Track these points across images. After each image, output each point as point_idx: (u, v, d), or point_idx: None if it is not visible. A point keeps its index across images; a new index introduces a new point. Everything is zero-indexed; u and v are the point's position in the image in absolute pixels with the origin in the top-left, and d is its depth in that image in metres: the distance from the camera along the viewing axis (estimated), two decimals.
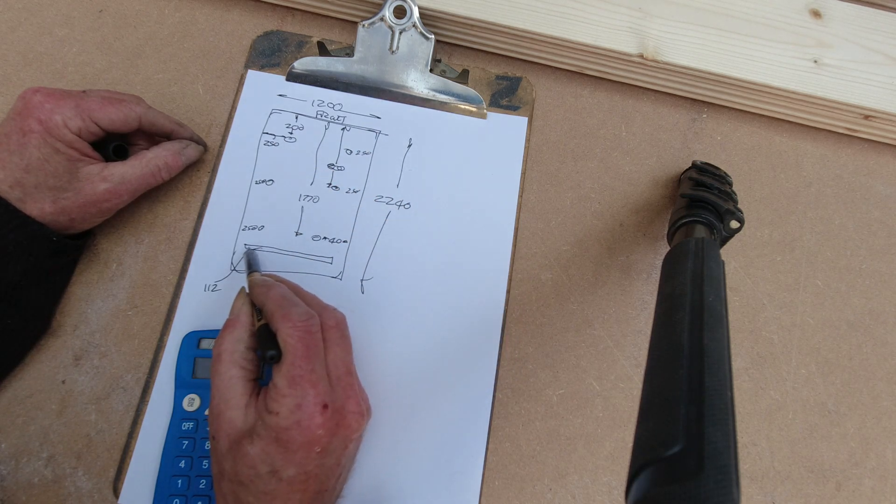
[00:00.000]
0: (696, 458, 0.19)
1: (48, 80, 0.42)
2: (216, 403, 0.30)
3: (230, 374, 0.30)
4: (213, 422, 0.30)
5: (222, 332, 0.31)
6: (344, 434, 0.30)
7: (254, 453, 0.28)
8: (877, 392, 0.40)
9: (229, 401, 0.29)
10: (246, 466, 0.28)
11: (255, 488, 0.28)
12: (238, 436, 0.29)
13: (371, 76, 0.43)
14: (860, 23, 0.44)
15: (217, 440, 0.29)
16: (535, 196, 0.42)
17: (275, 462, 0.28)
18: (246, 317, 0.32)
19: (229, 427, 0.29)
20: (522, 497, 0.36)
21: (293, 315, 0.30)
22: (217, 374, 0.30)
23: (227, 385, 0.30)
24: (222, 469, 0.29)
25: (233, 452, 0.28)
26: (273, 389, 0.29)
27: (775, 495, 0.37)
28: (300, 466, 0.28)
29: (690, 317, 0.25)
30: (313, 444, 0.28)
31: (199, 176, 0.40)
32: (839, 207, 0.44)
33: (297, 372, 0.29)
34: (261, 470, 0.28)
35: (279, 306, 0.31)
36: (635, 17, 0.42)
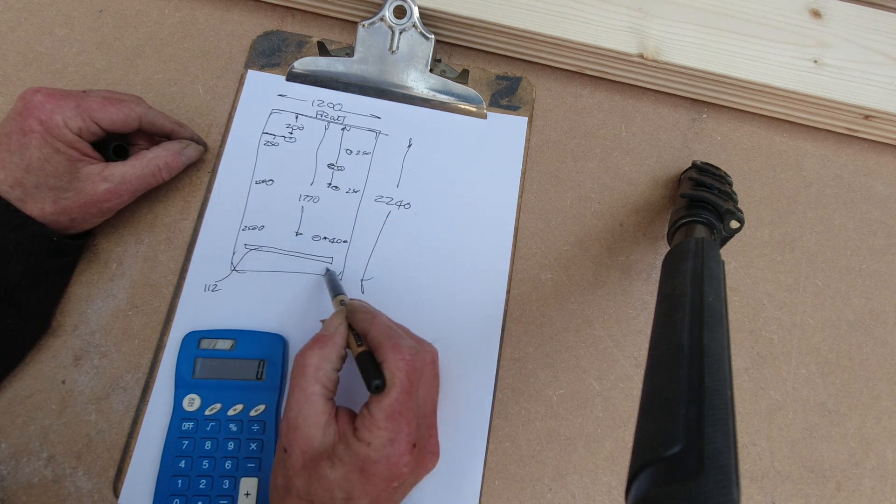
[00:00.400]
0: (696, 458, 0.19)
1: (48, 80, 0.42)
2: (293, 417, 0.29)
3: (313, 391, 0.29)
4: (287, 435, 0.29)
5: (311, 346, 0.30)
6: (420, 474, 0.30)
7: (333, 478, 0.27)
8: (877, 392, 0.40)
9: (308, 417, 0.29)
10: (322, 489, 0.27)
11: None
12: (315, 455, 0.28)
13: (371, 76, 0.43)
14: (860, 23, 0.44)
15: (290, 455, 0.29)
16: (535, 196, 0.42)
17: (353, 490, 0.27)
18: (340, 338, 0.31)
19: (306, 444, 0.28)
20: (522, 497, 0.36)
21: (403, 348, 0.30)
22: (299, 388, 0.29)
23: (307, 400, 0.29)
24: (291, 485, 0.28)
25: (308, 471, 0.28)
26: (368, 418, 0.28)
27: (775, 495, 0.37)
28: (374, 499, 0.28)
29: (690, 317, 0.25)
30: (393, 480, 0.28)
31: (199, 176, 0.40)
32: (839, 207, 0.44)
33: (397, 407, 0.28)
34: (336, 495, 0.27)
35: (388, 337, 0.30)
36: (635, 17, 0.42)
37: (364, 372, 0.29)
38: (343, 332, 0.32)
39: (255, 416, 0.35)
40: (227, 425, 0.35)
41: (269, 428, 0.35)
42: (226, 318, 0.37)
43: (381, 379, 0.29)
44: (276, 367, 0.36)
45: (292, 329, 0.37)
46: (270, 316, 0.37)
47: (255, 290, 0.38)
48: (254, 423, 0.35)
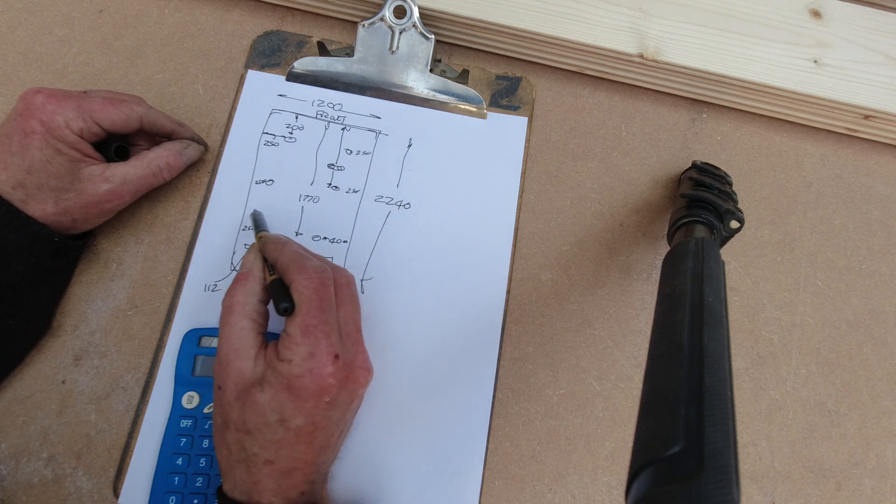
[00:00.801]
0: (696, 458, 0.19)
1: (48, 80, 0.42)
2: (225, 353, 0.30)
3: (241, 325, 0.30)
4: (220, 371, 0.30)
5: (233, 285, 0.31)
6: (351, 388, 0.31)
7: (263, 401, 0.28)
8: (877, 392, 0.40)
9: (239, 350, 0.29)
10: (255, 414, 0.28)
11: (262, 437, 0.28)
12: (247, 384, 0.29)
13: (371, 76, 0.43)
14: (860, 23, 0.44)
15: (224, 389, 0.29)
16: (535, 196, 0.42)
17: (284, 410, 0.28)
18: (258, 271, 0.32)
19: (238, 376, 0.29)
20: (522, 497, 0.36)
21: (308, 268, 0.30)
22: (227, 325, 0.30)
23: (237, 336, 0.30)
24: (228, 418, 0.29)
25: (241, 400, 0.29)
26: (286, 338, 0.29)
27: (775, 495, 0.37)
28: (308, 416, 0.28)
29: (690, 317, 0.25)
30: (323, 394, 0.29)
31: (199, 176, 0.40)
32: (839, 207, 0.44)
33: (310, 322, 0.29)
34: (269, 418, 0.28)
35: (294, 260, 0.31)
36: (635, 17, 0.42)
37: (274, 298, 0.30)
38: (260, 265, 0.32)
39: None
40: None
41: None
42: None
43: (289, 302, 0.30)
44: None
45: None
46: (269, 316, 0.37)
47: None
48: None
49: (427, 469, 0.35)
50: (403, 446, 0.35)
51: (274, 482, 0.28)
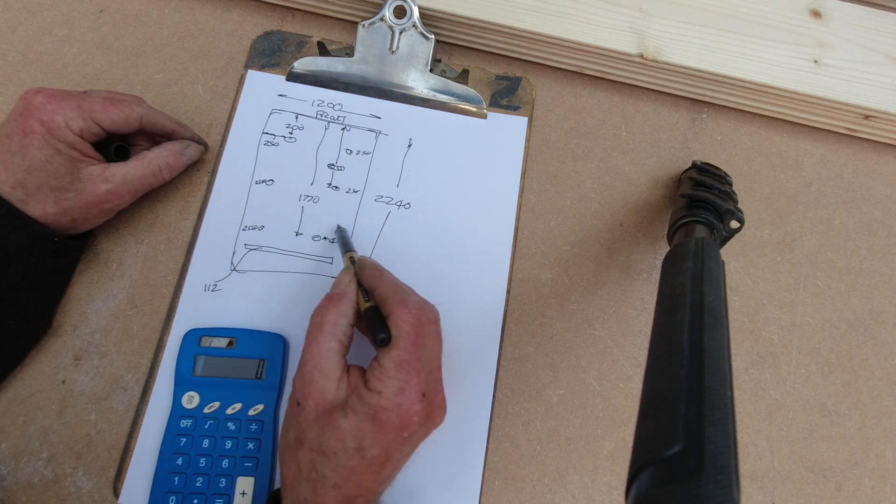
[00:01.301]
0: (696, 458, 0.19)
1: (48, 81, 0.42)
2: (309, 371, 0.30)
3: (329, 346, 0.30)
4: (302, 388, 0.30)
5: (326, 304, 0.31)
6: (429, 426, 0.31)
7: (346, 427, 0.28)
8: (877, 392, 0.40)
9: (325, 371, 0.29)
10: (334, 439, 0.28)
11: (337, 461, 0.28)
12: (329, 407, 0.29)
13: (371, 76, 0.43)
14: (860, 23, 0.44)
15: (304, 407, 0.29)
16: (535, 196, 0.42)
17: (364, 439, 0.28)
18: (352, 294, 0.32)
19: (320, 397, 0.29)
20: (522, 497, 0.36)
21: (409, 302, 0.31)
22: (316, 343, 0.30)
23: (325, 356, 0.30)
24: (303, 437, 0.29)
25: (321, 422, 0.29)
26: (378, 369, 0.29)
27: (775, 495, 0.37)
28: (385, 449, 0.29)
29: (690, 317, 0.25)
30: (404, 430, 0.29)
31: (199, 176, 0.40)
32: (839, 207, 0.44)
33: (406, 357, 0.29)
34: (348, 444, 0.28)
35: (395, 292, 0.31)
36: (635, 17, 0.42)
37: (371, 326, 0.30)
38: (354, 288, 0.32)
39: (254, 416, 0.35)
40: (226, 424, 0.35)
41: (267, 428, 0.35)
42: (226, 318, 0.37)
43: (386, 333, 0.30)
44: (275, 367, 0.36)
45: (292, 329, 0.37)
46: (270, 316, 0.37)
47: (255, 290, 0.38)
48: (252, 423, 0.35)
49: (427, 469, 0.35)
50: None
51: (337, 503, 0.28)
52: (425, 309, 0.31)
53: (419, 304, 0.31)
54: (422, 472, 0.35)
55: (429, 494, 0.35)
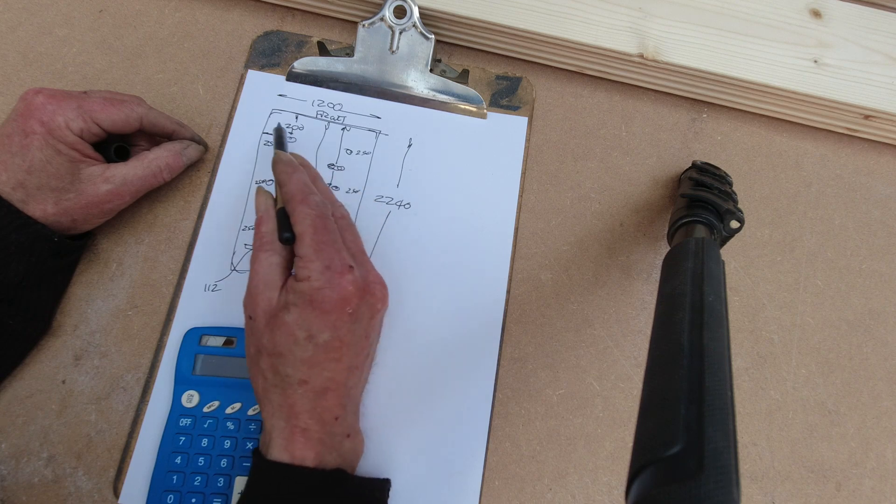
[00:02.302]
0: (696, 458, 0.19)
1: (48, 80, 0.42)
2: (255, 285, 0.31)
3: (271, 261, 0.32)
4: (250, 302, 0.31)
5: (256, 227, 0.33)
6: (370, 301, 0.32)
7: (290, 320, 0.30)
8: (877, 392, 0.40)
9: (269, 282, 0.31)
10: (284, 335, 0.30)
11: (293, 357, 0.29)
12: (275, 311, 0.31)
13: (371, 76, 0.43)
14: (860, 23, 0.44)
15: (255, 319, 0.31)
16: (535, 196, 0.42)
17: (311, 325, 0.29)
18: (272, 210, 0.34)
19: (267, 305, 0.31)
20: (522, 497, 0.36)
21: (310, 201, 0.32)
22: (258, 260, 0.32)
23: (266, 269, 0.32)
24: (260, 346, 0.31)
25: (270, 326, 0.30)
26: (299, 260, 0.31)
27: (775, 495, 0.37)
28: (334, 329, 0.30)
29: (690, 317, 0.25)
30: (345, 304, 0.30)
31: (199, 176, 0.40)
32: (839, 207, 0.44)
33: (318, 239, 0.31)
34: (298, 335, 0.29)
35: (299, 191, 0.33)
36: (635, 17, 0.42)
37: (279, 225, 0.32)
38: (272, 204, 0.34)
39: (253, 416, 0.35)
40: (225, 423, 0.35)
41: None
42: (226, 317, 0.37)
43: (290, 232, 0.32)
44: None
45: None
46: None
47: None
48: (251, 423, 0.35)
49: (427, 469, 0.35)
50: (403, 446, 0.35)
51: (309, 403, 0.30)
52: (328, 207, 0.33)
53: (322, 204, 0.33)
54: (422, 472, 0.35)
55: (429, 494, 0.35)
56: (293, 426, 0.29)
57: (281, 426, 0.30)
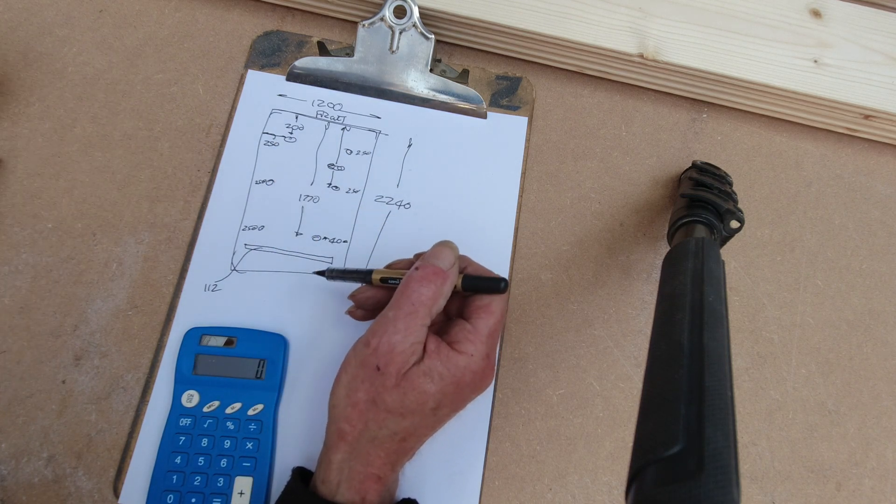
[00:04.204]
0: (696, 458, 0.19)
1: (48, 80, 0.42)
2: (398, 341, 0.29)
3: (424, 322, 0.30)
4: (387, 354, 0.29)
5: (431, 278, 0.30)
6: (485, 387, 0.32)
7: (431, 391, 0.29)
8: (877, 392, 0.40)
9: (414, 345, 0.29)
10: (415, 402, 0.29)
11: (412, 420, 0.29)
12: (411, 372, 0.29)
13: (371, 76, 0.43)
14: (860, 23, 0.44)
15: (384, 374, 0.29)
16: (535, 196, 0.42)
17: (444, 400, 0.29)
18: (455, 274, 0.32)
19: (404, 365, 0.29)
20: (522, 497, 0.36)
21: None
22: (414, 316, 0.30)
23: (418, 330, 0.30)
24: (379, 400, 0.29)
25: (402, 388, 0.29)
26: (472, 332, 0.30)
27: (775, 495, 0.37)
28: (456, 408, 0.30)
29: (690, 317, 0.25)
30: (477, 391, 0.31)
31: (200, 176, 0.40)
32: (839, 207, 0.44)
33: (496, 328, 0.31)
34: (428, 406, 0.29)
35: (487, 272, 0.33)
36: (635, 17, 0.42)
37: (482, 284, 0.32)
38: (457, 268, 0.32)
39: (253, 416, 0.35)
40: (225, 423, 0.35)
41: (265, 428, 0.35)
42: (226, 317, 0.37)
43: (505, 281, 0.31)
44: (276, 367, 0.36)
45: (292, 329, 0.37)
46: (270, 316, 0.37)
47: (255, 290, 0.38)
48: (251, 423, 0.35)
49: (427, 469, 0.35)
50: None
51: (394, 456, 0.30)
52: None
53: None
54: (422, 472, 0.35)
55: (429, 494, 0.35)
56: (370, 472, 0.29)
57: (358, 469, 0.29)
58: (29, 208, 0.39)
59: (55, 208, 0.39)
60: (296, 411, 0.36)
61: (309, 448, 0.35)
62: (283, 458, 0.35)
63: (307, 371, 0.37)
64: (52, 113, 0.41)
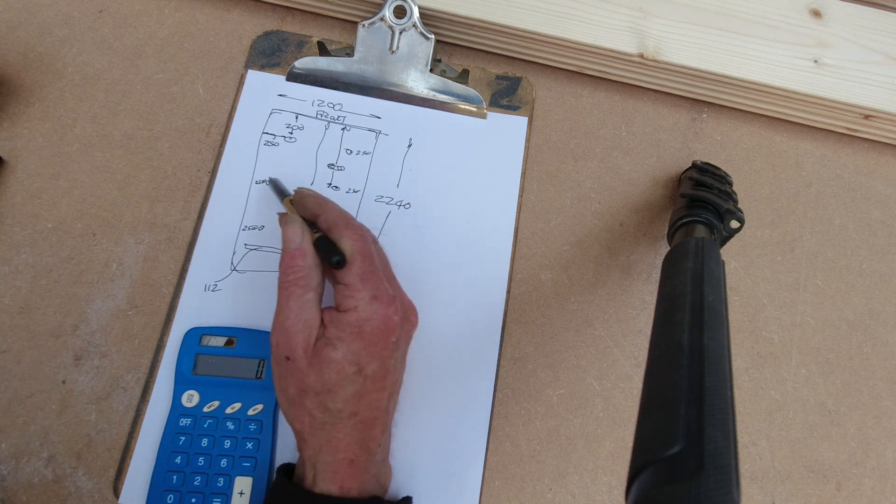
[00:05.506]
0: (696, 458, 0.19)
1: (48, 80, 0.42)
2: (291, 324, 0.30)
3: (306, 298, 0.30)
4: (286, 343, 0.30)
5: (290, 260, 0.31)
6: (408, 328, 0.33)
7: (339, 357, 0.29)
8: (877, 392, 0.40)
9: (308, 321, 0.30)
10: (332, 372, 0.29)
11: (343, 392, 0.29)
12: (318, 348, 0.30)
13: (371, 76, 0.43)
14: (860, 23, 0.44)
15: (294, 360, 0.29)
16: (535, 196, 0.42)
17: (360, 358, 0.29)
18: (308, 242, 0.32)
19: (306, 343, 0.30)
20: (522, 497, 0.36)
21: (354, 225, 0.32)
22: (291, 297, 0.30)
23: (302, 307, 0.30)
24: (304, 386, 0.29)
25: (315, 364, 0.29)
26: (344, 289, 0.30)
27: (775, 495, 0.37)
28: (380, 360, 0.30)
29: (690, 317, 0.25)
30: (390, 334, 0.30)
31: (200, 176, 0.40)
32: (839, 207, 0.44)
33: (365, 268, 0.31)
34: (348, 370, 0.29)
35: (340, 217, 0.33)
36: (635, 17, 0.42)
37: (325, 252, 0.31)
38: (307, 235, 0.32)
39: (253, 416, 0.35)
40: (225, 423, 0.35)
41: (266, 428, 0.35)
42: (226, 317, 0.37)
43: (340, 255, 0.31)
44: None
45: None
46: (270, 316, 0.37)
47: (256, 290, 0.38)
48: (251, 423, 0.35)
49: (427, 469, 0.35)
50: (403, 446, 0.35)
51: (357, 434, 0.30)
52: (366, 229, 0.33)
53: (361, 226, 0.33)
54: (422, 472, 0.35)
55: (429, 494, 0.35)
56: (340, 458, 0.29)
57: (328, 460, 0.29)
58: (29, 208, 0.39)
59: (55, 208, 0.39)
60: None
61: None
62: (283, 458, 0.35)
63: None
64: (52, 113, 0.41)
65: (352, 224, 0.32)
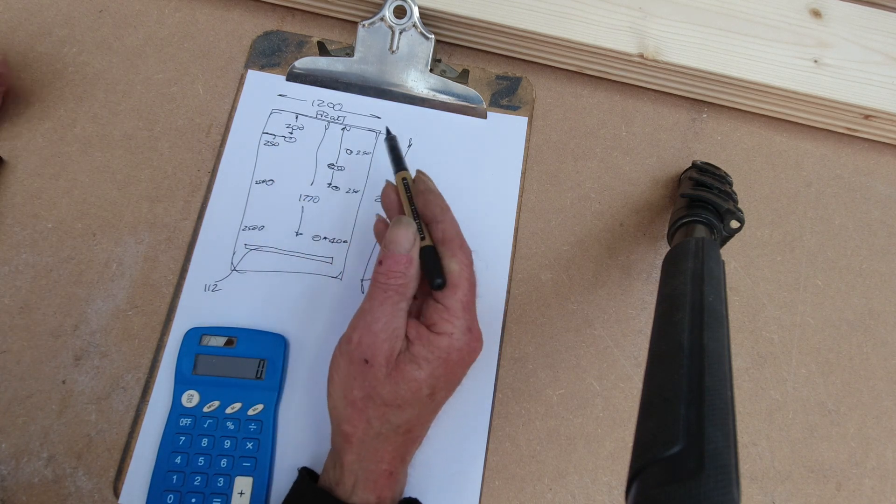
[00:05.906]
0: (696, 458, 0.19)
1: (48, 80, 0.42)
2: (379, 329, 0.29)
3: (400, 307, 0.30)
4: (370, 347, 0.29)
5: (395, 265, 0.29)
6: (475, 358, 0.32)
7: (421, 377, 0.29)
8: (877, 392, 0.40)
9: (395, 330, 0.29)
10: (410, 391, 0.28)
11: (411, 410, 0.29)
12: (399, 361, 0.29)
13: (371, 76, 0.43)
14: (860, 23, 0.44)
15: (373, 365, 0.28)
16: (535, 196, 0.42)
17: (437, 382, 0.29)
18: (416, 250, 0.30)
19: (390, 353, 0.29)
20: (522, 497, 0.36)
21: (467, 248, 0.31)
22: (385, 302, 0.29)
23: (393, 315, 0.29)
24: (375, 394, 0.28)
25: (394, 377, 0.29)
26: (445, 311, 0.29)
27: (775, 495, 0.37)
28: (451, 388, 0.30)
29: (690, 317, 0.25)
30: (468, 366, 0.30)
31: (200, 176, 0.40)
32: (839, 207, 0.44)
33: (470, 298, 0.30)
34: (423, 392, 0.29)
35: (458, 234, 0.31)
36: (635, 17, 0.42)
37: (429, 268, 0.30)
38: (418, 244, 0.31)
39: (253, 416, 0.35)
40: (225, 423, 0.35)
41: (265, 428, 0.35)
42: (226, 318, 0.37)
43: (442, 278, 0.30)
44: (276, 367, 0.36)
45: (292, 329, 0.37)
46: (270, 316, 0.37)
47: (255, 290, 0.38)
48: (251, 423, 0.35)
49: (427, 469, 0.35)
50: None
51: (403, 448, 0.30)
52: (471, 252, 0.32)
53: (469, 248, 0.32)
54: (422, 472, 0.35)
55: (429, 494, 0.35)
56: (383, 469, 0.29)
57: (371, 469, 0.29)
58: (29, 208, 0.39)
59: (55, 208, 0.39)
60: (296, 411, 0.36)
61: (309, 448, 0.35)
62: (283, 458, 0.35)
63: (307, 371, 0.37)
64: (52, 113, 0.41)
65: (465, 245, 0.31)
